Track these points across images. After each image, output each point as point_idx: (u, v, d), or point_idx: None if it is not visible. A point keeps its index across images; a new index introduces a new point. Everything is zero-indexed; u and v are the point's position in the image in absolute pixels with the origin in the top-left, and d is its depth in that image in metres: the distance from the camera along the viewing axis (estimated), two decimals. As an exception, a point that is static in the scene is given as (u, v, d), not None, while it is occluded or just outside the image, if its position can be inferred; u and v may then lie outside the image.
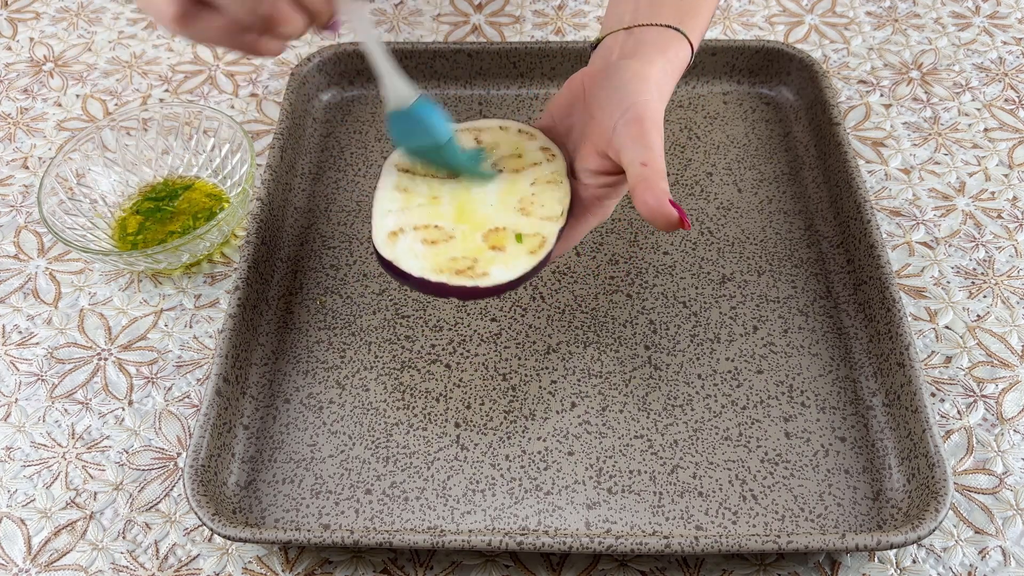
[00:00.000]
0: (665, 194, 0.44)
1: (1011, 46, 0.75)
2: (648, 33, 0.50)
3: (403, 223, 0.50)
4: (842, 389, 0.55)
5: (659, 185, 0.44)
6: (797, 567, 0.50)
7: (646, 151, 0.45)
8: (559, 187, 0.51)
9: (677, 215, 0.44)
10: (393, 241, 0.49)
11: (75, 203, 0.62)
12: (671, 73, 0.50)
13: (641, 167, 0.45)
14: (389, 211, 0.50)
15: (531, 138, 0.53)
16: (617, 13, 0.53)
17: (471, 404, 0.55)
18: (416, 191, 0.51)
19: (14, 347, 0.59)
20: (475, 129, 0.54)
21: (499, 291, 0.48)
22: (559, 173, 0.51)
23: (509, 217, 0.50)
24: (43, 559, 0.51)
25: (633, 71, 0.48)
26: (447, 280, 0.47)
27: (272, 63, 0.75)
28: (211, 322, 0.60)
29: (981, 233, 0.63)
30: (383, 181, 0.52)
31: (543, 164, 0.52)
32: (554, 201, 0.50)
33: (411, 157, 0.52)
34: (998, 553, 0.50)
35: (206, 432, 0.51)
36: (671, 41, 0.50)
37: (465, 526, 0.50)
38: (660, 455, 0.53)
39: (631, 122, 0.46)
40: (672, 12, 0.51)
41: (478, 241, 0.49)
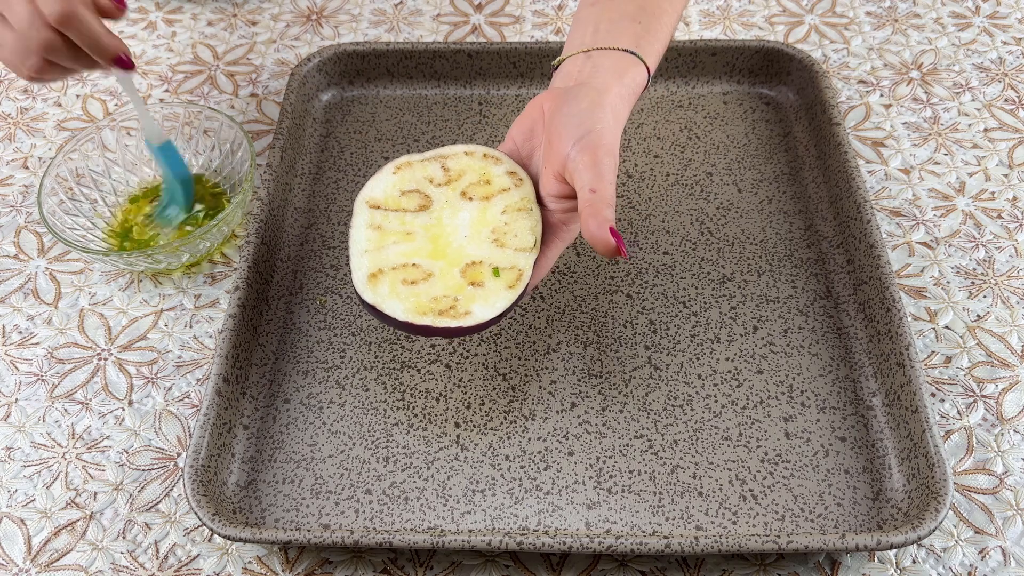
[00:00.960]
0: (607, 221, 0.46)
1: (1011, 46, 0.75)
2: (605, 58, 0.52)
3: (381, 264, 0.50)
4: (842, 389, 0.55)
5: (603, 212, 0.46)
6: (797, 567, 0.50)
7: (596, 179, 0.47)
8: (530, 215, 0.52)
9: (615, 244, 0.46)
10: (374, 284, 0.50)
11: (75, 203, 0.62)
12: (627, 98, 0.51)
13: (590, 193, 0.46)
14: (365, 251, 0.51)
15: (497, 162, 0.54)
16: (579, 35, 0.54)
17: (471, 404, 0.55)
18: (389, 228, 0.52)
19: (14, 347, 0.59)
20: (441, 156, 0.55)
21: (481, 328, 0.49)
22: (528, 199, 0.52)
23: (484, 249, 0.51)
24: (43, 559, 0.51)
25: (590, 98, 0.50)
26: (431, 322, 0.48)
27: (272, 63, 0.75)
28: (211, 322, 0.60)
29: (981, 233, 0.63)
30: (355, 220, 0.52)
31: (511, 190, 0.52)
32: (526, 231, 0.51)
33: None
34: (998, 553, 0.50)
35: (206, 432, 0.51)
36: (628, 66, 0.51)
37: (465, 526, 0.50)
38: (660, 455, 0.53)
39: (585, 149, 0.47)
40: (630, 36, 0.52)
41: (456, 277, 0.50)
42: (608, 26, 0.53)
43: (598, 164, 0.47)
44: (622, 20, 0.53)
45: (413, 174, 0.54)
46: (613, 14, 0.53)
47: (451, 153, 0.55)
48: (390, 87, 0.72)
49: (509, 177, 0.53)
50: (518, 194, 0.52)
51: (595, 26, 0.53)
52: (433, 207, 0.52)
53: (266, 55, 0.76)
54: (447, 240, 0.51)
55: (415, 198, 0.53)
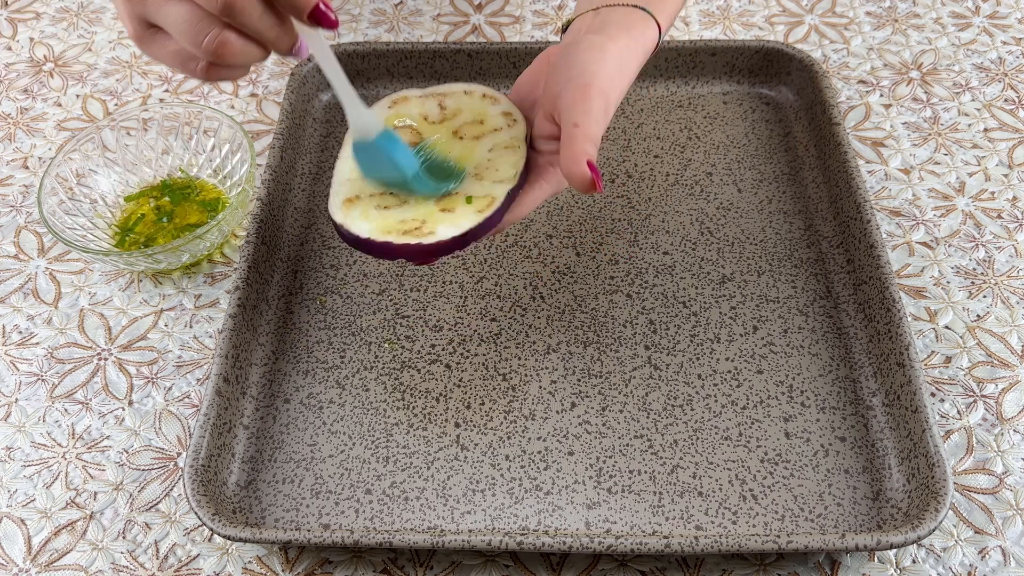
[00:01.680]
0: (584, 155, 0.45)
1: (1011, 46, 0.75)
2: (614, 13, 0.50)
3: (359, 191, 0.50)
4: (842, 389, 0.55)
5: (580, 145, 0.45)
6: (797, 567, 0.50)
7: (582, 114, 0.46)
8: (515, 152, 0.51)
9: (590, 176, 0.44)
10: (348, 208, 0.49)
11: (75, 203, 0.62)
12: (635, 51, 0.50)
13: (572, 127, 0.45)
14: (348, 179, 0.51)
15: (494, 102, 0.53)
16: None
17: (471, 404, 0.55)
18: None
19: (14, 347, 0.59)
20: (439, 94, 0.54)
21: (446, 249, 0.47)
22: (517, 139, 0.51)
23: (463, 184, 0.50)
24: (43, 559, 0.51)
25: (593, 44, 0.48)
26: (392, 239, 0.47)
27: (272, 63, 0.75)
28: (211, 322, 0.60)
29: (981, 233, 0.63)
30: (344, 151, 0.52)
31: (503, 130, 0.52)
32: (507, 165, 0.50)
33: (379, 186, 0.51)
34: (998, 553, 0.50)
35: (206, 432, 0.51)
36: (636, 21, 0.50)
37: (465, 526, 0.50)
38: (660, 455, 0.53)
39: (577, 88, 0.47)
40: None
41: (430, 206, 0.49)
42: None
43: (587, 101, 0.46)
44: None
45: (408, 109, 0.53)
46: None
47: (450, 91, 0.54)
48: (390, 87, 0.72)
49: (503, 117, 0.52)
50: (508, 134, 0.52)
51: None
52: (422, 144, 0.52)
53: (266, 55, 0.76)
54: None
55: (406, 133, 0.52)
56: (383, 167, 0.49)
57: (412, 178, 0.49)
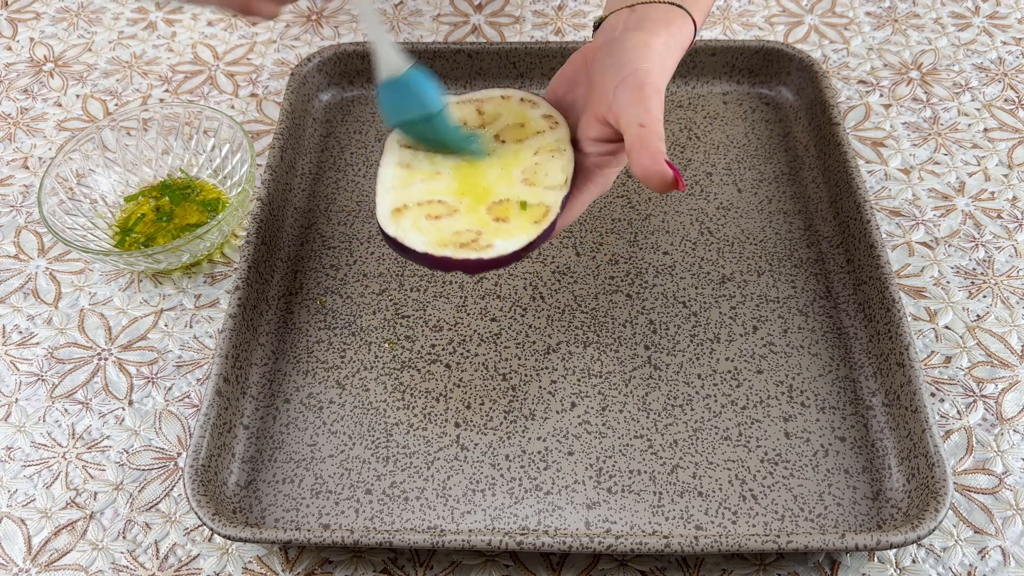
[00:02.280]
0: (661, 154, 0.44)
1: (1011, 46, 0.75)
2: (652, 10, 0.50)
3: (406, 199, 0.49)
4: (842, 389, 0.55)
5: (655, 145, 0.44)
6: (797, 567, 0.50)
7: (644, 113, 0.45)
8: (562, 155, 0.50)
9: (672, 175, 0.44)
10: (397, 218, 0.48)
11: (75, 203, 0.62)
12: (674, 48, 0.50)
13: (639, 128, 0.45)
14: (392, 187, 0.50)
15: (534, 106, 0.53)
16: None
17: (471, 404, 0.55)
18: (418, 167, 0.50)
19: (14, 347, 0.59)
20: (477, 100, 0.54)
21: (504, 263, 0.47)
22: (562, 141, 0.51)
23: (513, 188, 0.49)
24: (43, 559, 0.51)
25: (636, 41, 0.48)
26: (451, 254, 0.46)
27: (272, 63, 0.75)
28: (211, 322, 0.60)
29: (981, 233, 0.63)
30: (385, 158, 0.51)
31: (546, 132, 0.51)
32: (557, 170, 0.49)
33: (402, 130, 0.51)
34: (998, 553, 0.50)
35: (206, 432, 0.51)
36: (675, 17, 0.50)
37: (465, 526, 0.50)
38: (660, 455, 0.53)
39: (631, 87, 0.46)
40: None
41: (482, 214, 0.48)
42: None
43: (646, 100, 0.45)
44: None
45: None
46: None
47: (487, 96, 0.54)
48: (390, 87, 0.72)
49: (544, 120, 0.52)
50: (552, 136, 0.51)
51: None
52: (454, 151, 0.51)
53: (266, 55, 0.76)
54: (475, 180, 0.50)
55: None
56: (408, 104, 0.48)
57: (437, 115, 0.48)
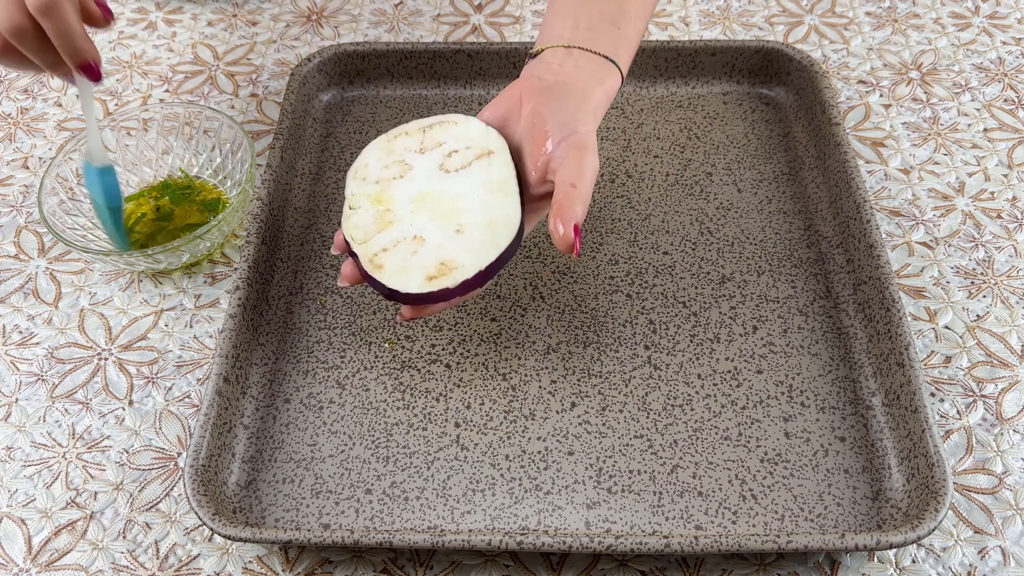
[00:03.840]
0: (574, 218, 0.47)
1: (1011, 46, 0.75)
2: (587, 60, 0.53)
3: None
4: (842, 389, 0.55)
5: (573, 209, 0.47)
6: (797, 567, 0.50)
7: (579, 175, 0.48)
8: (512, 194, 0.51)
9: (573, 241, 0.47)
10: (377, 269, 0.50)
11: (75, 203, 0.62)
12: (604, 104, 0.53)
13: (569, 187, 0.48)
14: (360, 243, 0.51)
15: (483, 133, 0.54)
16: (557, 27, 0.54)
17: (471, 404, 0.55)
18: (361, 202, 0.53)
19: (14, 347, 0.59)
20: (420, 129, 0.55)
21: (470, 287, 0.49)
22: (509, 178, 0.52)
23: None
24: (43, 559, 0.51)
25: (575, 100, 0.51)
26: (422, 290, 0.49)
27: (272, 63, 0.75)
28: (211, 322, 0.60)
29: (981, 233, 0.63)
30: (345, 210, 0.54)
31: (493, 164, 0.52)
32: (510, 204, 0.51)
33: (92, 202, 0.60)
34: (998, 553, 0.50)
35: (206, 432, 0.51)
36: (607, 73, 0.53)
37: (465, 526, 0.50)
38: (660, 455, 0.53)
39: (572, 147, 0.49)
40: (609, 41, 0.54)
41: (447, 239, 0.50)
42: (588, 24, 0.54)
43: (582, 162, 0.49)
44: (602, 21, 0.54)
45: (397, 145, 0.55)
46: (593, 12, 0.54)
47: (430, 124, 0.55)
48: (390, 87, 0.72)
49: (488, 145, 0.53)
50: (498, 172, 0.52)
51: (575, 21, 0.54)
52: (411, 175, 0.53)
53: (266, 55, 0.76)
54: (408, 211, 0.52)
55: (401, 168, 0.53)
56: (107, 189, 0.58)
57: (107, 209, 0.59)
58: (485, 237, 0.49)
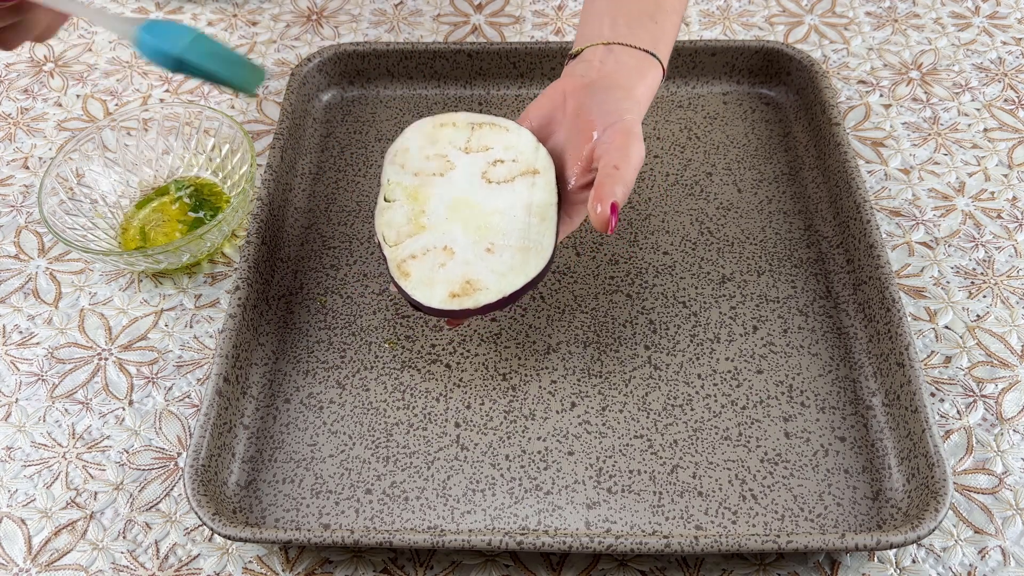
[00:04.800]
0: (612, 196, 0.47)
1: (1011, 46, 0.75)
2: (628, 55, 0.53)
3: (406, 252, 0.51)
4: (842, 389, 0.55)
5: (612, 188, 0.47)
6: (797, 567, 0.50)
7: (623, 158, 0.48)
8: (552, 221, 0.51)
9: (608, 217, 0.47)
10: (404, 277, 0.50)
11: (75, 203, 0.62)
12: (649, 96, 0.53)
13: (612, 169, 0.48)
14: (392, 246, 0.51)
15: (533, 148, 0.53)
16: (595, 26, 0.54)
17: (471, 404, 0.55)
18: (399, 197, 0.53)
19: (14, 347, 0.59)
20: (473, 123, 0.54)
21: (492, 308, 0.49)
22: (551, 200, 0.51)
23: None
24: (43, 559, 0.51)
25: (621, 92, 0.51)
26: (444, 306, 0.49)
27: (272, 63, 0.75)
28: (211, 322, 0.60)
29: (981, 233, 0.63)
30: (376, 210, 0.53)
31: (536, 183, 0.52)
32: (549, 234, 0.50)
33: (181, 69, 0.48)
34: (998, 553, 0.50)
35: (206, 432, 0.51)
36: (648, 67, 0.53)
37: (465, 526, 0.50)
38: (660, 455, 0.53)
39: (618, 132, 0.49)
40: (648, 35, 0.53)
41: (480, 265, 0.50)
42: (626, 21, 0.54)
43: (628, 146, 0.49)
44: (641, 17, 0.54)
45: (447, 134, 0.54)
46: (631, 8, 0.54)
47: (483, 122, 0.54)
48: (390, 87, 0.72)
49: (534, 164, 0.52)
50: (543, 193, 0.51)
51: (612, 19, 0.54)
52: (452, 175, 0.52)
53: (266, 55, 0.76)
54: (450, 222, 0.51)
55: (440, 163, 0.53)
56: (156, 56, 0.48)
57: (191, 45, 0.47)
58: (515, 262, 0.49)
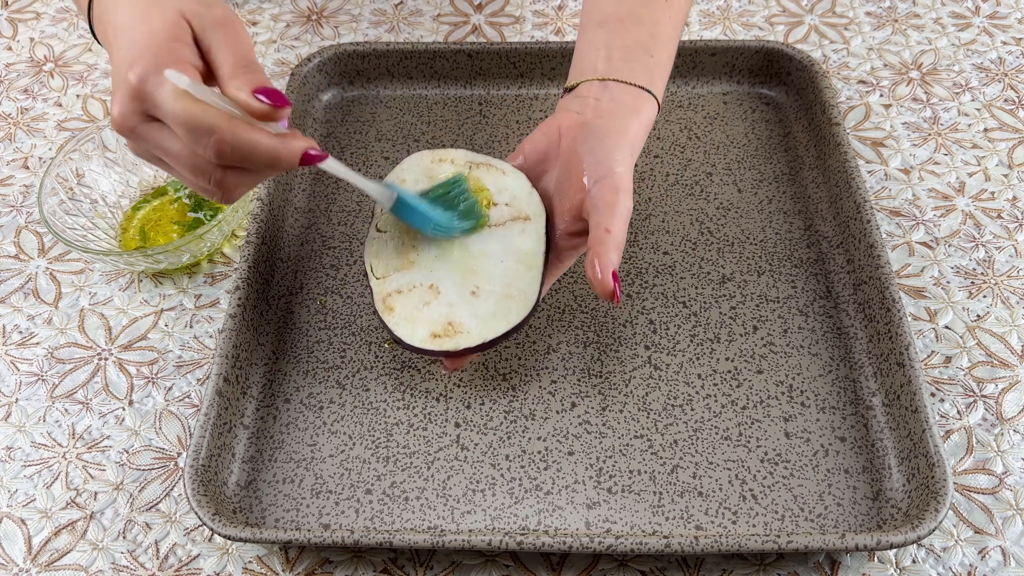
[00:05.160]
0: (611, 266, 0.47)
1: (1011, 46, 0.75)
2: (623, 92, 0.52)
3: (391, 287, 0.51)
4: (842, 389, 0.55)
5: (610, 255, 0.47)
6: (797, 567, 0.50)
7: (612, 219, 0.48)
8: (536, 270, 0.51)
9: (612, 288, 0.47)
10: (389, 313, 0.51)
11: (75, 203, 0.62)
12: (643, 135, 0.52)
13: (604, 233, 0.47)
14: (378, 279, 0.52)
15: (528, 193, 0.53)
16: (589, 59, 0.54)
17: (471, 404, 0.55)
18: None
19: (14, 347, 0.59)
20: (486, 165, 0.54)
21: (472, 351, 0.50)
22: (538, 250, 0.52)
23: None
24: (43, 559, 0.51)
25: (612, 138, 0.51)
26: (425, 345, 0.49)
27: (272, 63, 0.75)
28: (211, 322, 0.60)
29: (981, 233, 0.63)
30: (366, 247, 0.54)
31: (525, 230, 0.52)
32: (531, 281, 0.51)
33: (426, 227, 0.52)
34: (998, 553, 0.50)
35: (206, 432, 0.51)
36: (644, 104, 0.52)
37: (465, 526, 0.50)
38: (660, 455, 0.53)
39: (607, 189, 0.49)
40: (644, 70, 0.53)
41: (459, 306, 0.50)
42: (622, 55, 0.53)
43: (617, 205, 0.48)
44: (636, 50, 0.53)
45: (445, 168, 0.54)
46: (626, 40, 0.54)
47: (489, 164, 0.54)
48: (390, 87, 0.72)
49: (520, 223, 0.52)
50: (531, 241, 0.51)
51: (607, 52, 0.53)
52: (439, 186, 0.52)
53: (266, 55, 0.76)
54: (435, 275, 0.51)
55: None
56: (412, 219, 0.51)
57: (434, 227, 0.51)
58: (498, 309, 0.50)
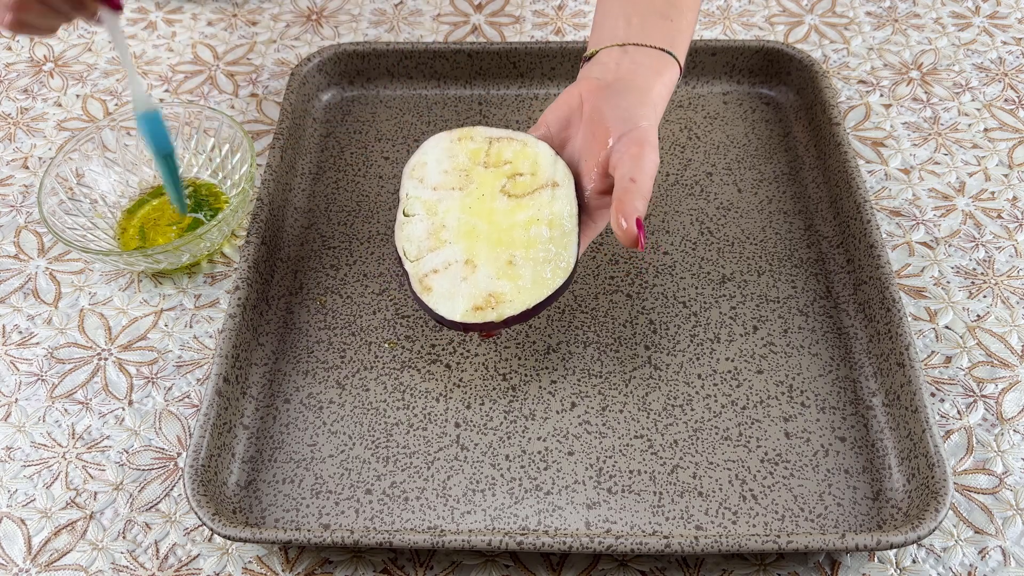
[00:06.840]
0: (635, 212, 0.47)
1: (1011, 46, 0.75)
2: (644, 55, 0.52)
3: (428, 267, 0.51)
4: (842, 389, 0.55)
5: (634, 203, 0.47)
6: (797, 567, 0.50)
7: (638, 170, 0.48)
8: (572, 236, 0.51)
9: (636, 234, 0.47)
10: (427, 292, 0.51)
11: (75, 203, 0.62)
12: (665, 97, 0.53)
13: (629, 182, 0.48)
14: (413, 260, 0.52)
15: (551, 162, 0.53)
16: (609, 27, 0.54)
17: (471, 404, 0.55)
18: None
19: (14, 347, 0.59)
20: (490, 139, 0.54)
21: (513, 321, 0.50)
22: (571, 212, 0.51)
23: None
24: (43, 559, 0.51)
25: (635, 95, 0.51)
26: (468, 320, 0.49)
27: (272, 63, 0.75)
28: (211, 322, 0.60)
29: (981, 233, 0.63)
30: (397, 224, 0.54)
31: (555, 197, 0.52)
32: (570, 250, 0.51)
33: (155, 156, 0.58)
34: (998, 553, 0.50)
35: (206, 432, 0.51)
36: (665, 65, 0.53)
37: (465, 526, 0.50)
38: (660, 455, 0.53)
39: (632, 142, 0.49)
40: (662, 34, 0.53)
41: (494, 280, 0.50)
42: (640, 20, 0.53)
43: (643, 157, 0.48)
44: (654, 15, 0.54)
45: (463, 147, 0.54)
46: (644, 7, 0.54)
47: (500, 136, 0.54)
48: (390, 87, 0.72)
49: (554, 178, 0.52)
50: (562, 205, 0.51)
51: (626, 19, 0.54)
52: (471, 189, 0.52)
53: (266, 55, 0.76)
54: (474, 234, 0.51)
55: (455, 179, 0.53)
56: (158, 137, 0.57)
57: (162, 157, 0.57)
58: (537, 275, 0.49)
